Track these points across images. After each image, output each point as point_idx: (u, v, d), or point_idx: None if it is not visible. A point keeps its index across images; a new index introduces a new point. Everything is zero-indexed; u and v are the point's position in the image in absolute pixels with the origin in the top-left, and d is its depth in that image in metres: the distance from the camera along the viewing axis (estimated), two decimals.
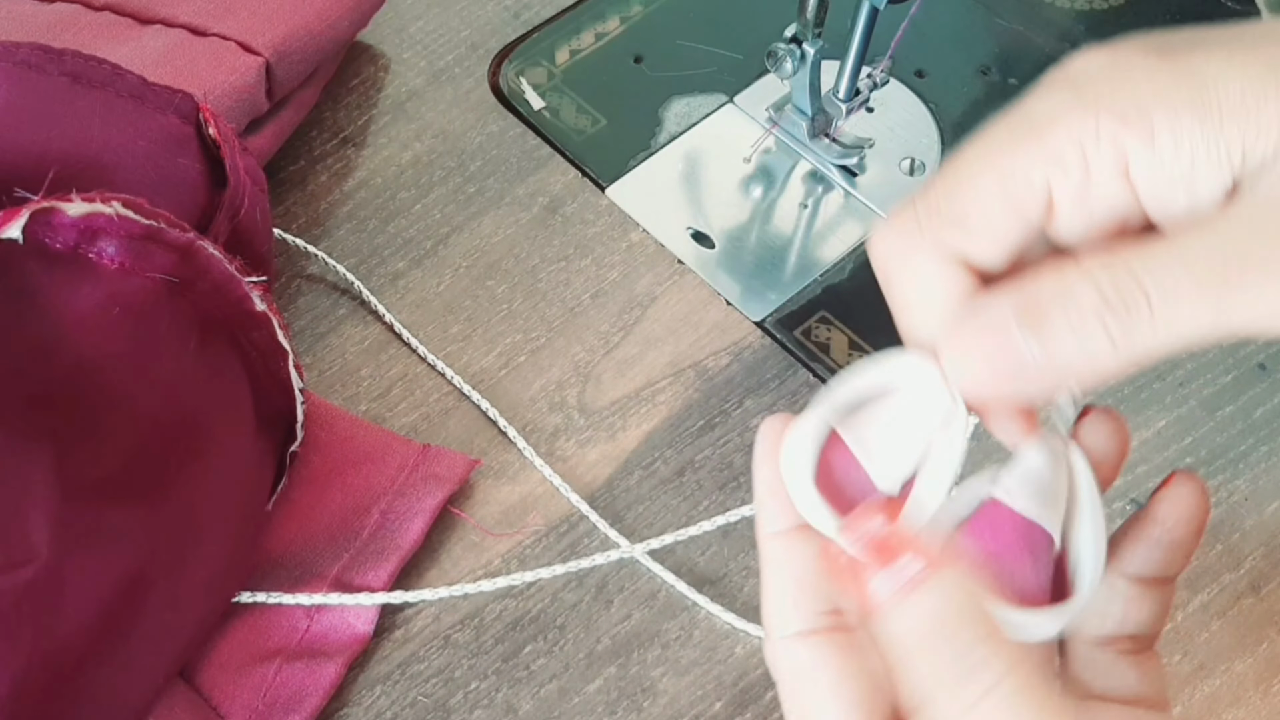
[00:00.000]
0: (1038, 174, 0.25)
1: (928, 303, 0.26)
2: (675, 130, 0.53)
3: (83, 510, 0.33)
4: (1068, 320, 0.24)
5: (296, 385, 0.40)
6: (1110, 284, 0.23)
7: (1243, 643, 0.41)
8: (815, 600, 0.26)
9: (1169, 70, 0.24)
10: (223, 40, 0.47)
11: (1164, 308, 0.23)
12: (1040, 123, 0.25)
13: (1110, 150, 0.24)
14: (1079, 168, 0.24)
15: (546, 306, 0.48)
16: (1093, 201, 0.25)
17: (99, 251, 0.33)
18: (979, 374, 0.25)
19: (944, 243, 0.26)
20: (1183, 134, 0.24)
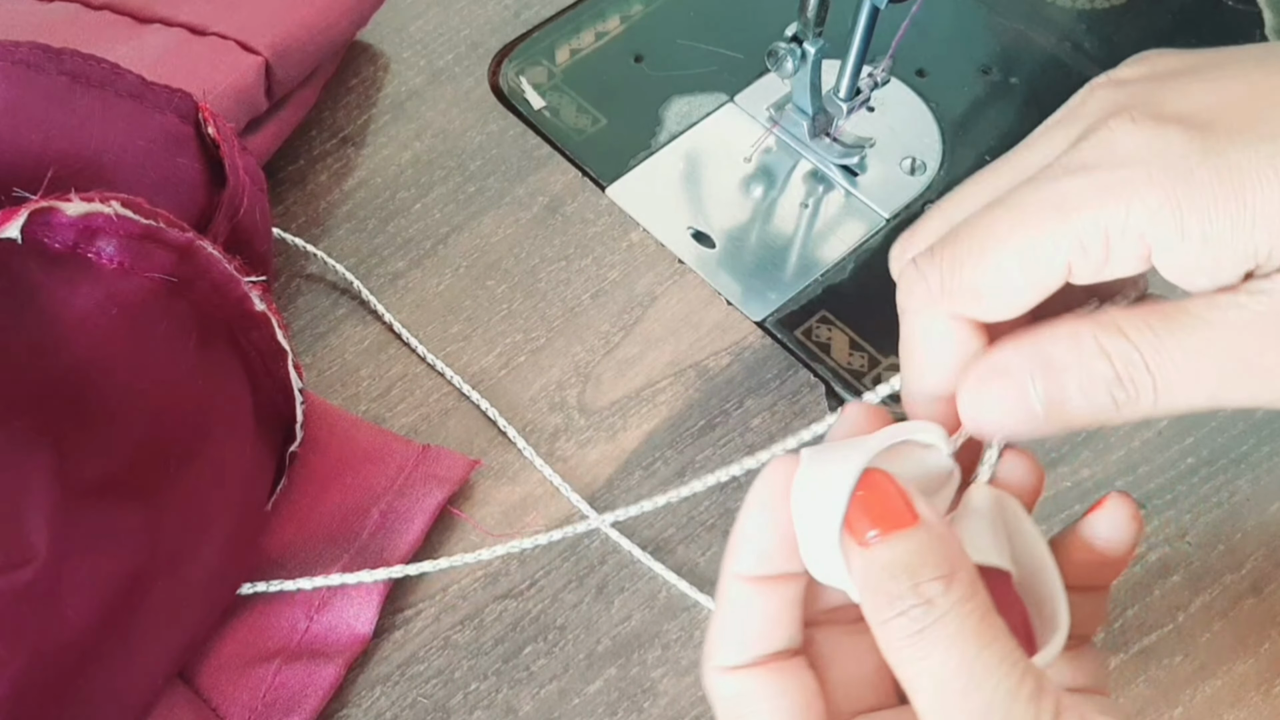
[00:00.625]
0: (1060, 255, 0.26)
1: (938, 359, 0.28)
2: (675, 130, 0.53)
3: (82, 510, 0.33)
4: (1080, 387, 0.26)
5: (296, 385, 0.40)
6: (1122, 364, 0.25)
7: (1244, 643, 0.41)
8: (765, 646, 0.27)
9: (1209, 165, 0.25)
10: (222, 39, 0.47)
11: (1165, 392, 0.25)
12: (1069, 204, 0.26)
13: (1135, 242, 0.25)
14: (1101, 251, 0.25)
15: (546, 306, 0.48)
16: (1109, 274, 0.26)
17: (98, 251, 0.33)
18: (991, 420, 0.27)
19: (959, 308, 0.27)
20: (1212, 237, 0.25)
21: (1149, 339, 0.25)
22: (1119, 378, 0.25)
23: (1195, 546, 0.43)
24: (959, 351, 0.28)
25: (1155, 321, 0.25)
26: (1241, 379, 0.25)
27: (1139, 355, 0.25)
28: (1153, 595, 0.42)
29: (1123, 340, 0.25)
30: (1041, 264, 0.26)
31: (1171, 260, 0.25)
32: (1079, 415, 0.26)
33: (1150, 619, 0.42)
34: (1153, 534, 0.43)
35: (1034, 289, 0.26)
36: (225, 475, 0.38)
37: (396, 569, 0.40)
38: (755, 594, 0.27)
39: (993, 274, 0.27)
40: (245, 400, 0.39)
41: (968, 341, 0.28)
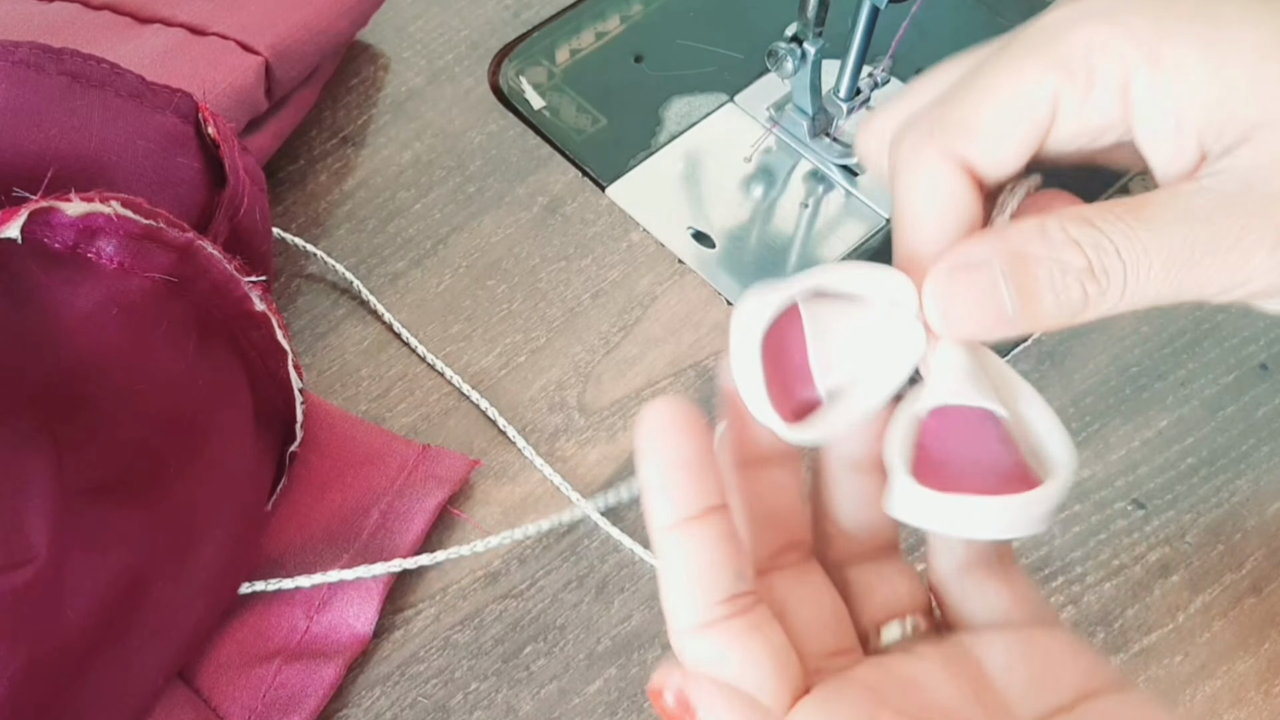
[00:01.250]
0: (1048, 80, 0.26)
1: (929, 207, 0.27)
2: (675, 130, 0.53)
3: (82, 510, 0.33)
4: (1052, 281, 0.25)
5: (296, 385, 0.40)
6: (1094, 252, 0.25)
7: (1244, 643, 0.41)
8: (714, 590, 0.26)
9: (1192, 3, 0.25)
10: (222, 39, 0.47)
11: (1134, 282, 0.25)
12: (1055, 30, 0.26)
13: (1116, 64, 0.25)
14: (1084, 75, 0.25)
15: (546, 306, 0.48)
16: (1090, 112, 0.26)
17: (98, 251, 0.33)
18: (959, 317, 0.26)
19: (953, 149, 0.26)
20: (1185, 68, 0.25)
21: (1119, 227, 0.25)
22: (1091, 268, 0.25)
23: (1195, 546, 0.43)
24: (958, 200, 0.27)
25: (1122, 211, 0.25)
26: (1206, 264, 0.25)
27: (1110, 243, 0.25)
28: (1153, 595, 0.42)
29: (1092, 229, 0.25)
30: (1032, 90, 0.26)
31: (1145, 95, 0.25)
32: (1049, 312, 0.26)
33: (1150, 619, 0.42)
34: (1153, 534, 0.43)
35: (1027, 122, 0.26)
36: (225, 475, 0.38)
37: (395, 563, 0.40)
38: (685, 539, 0.26)
39: (986, 105, 0.26)
40: (245, 400, 0.39)
41: (965, 191, 0.27)
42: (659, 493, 0.26)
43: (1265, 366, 0.47)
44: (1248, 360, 0.47)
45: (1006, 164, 0.27)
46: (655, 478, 0.26)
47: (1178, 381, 0.46)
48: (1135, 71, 0.25)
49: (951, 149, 0.26)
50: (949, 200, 0.27)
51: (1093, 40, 0.25)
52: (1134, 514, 0.44)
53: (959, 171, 0.26)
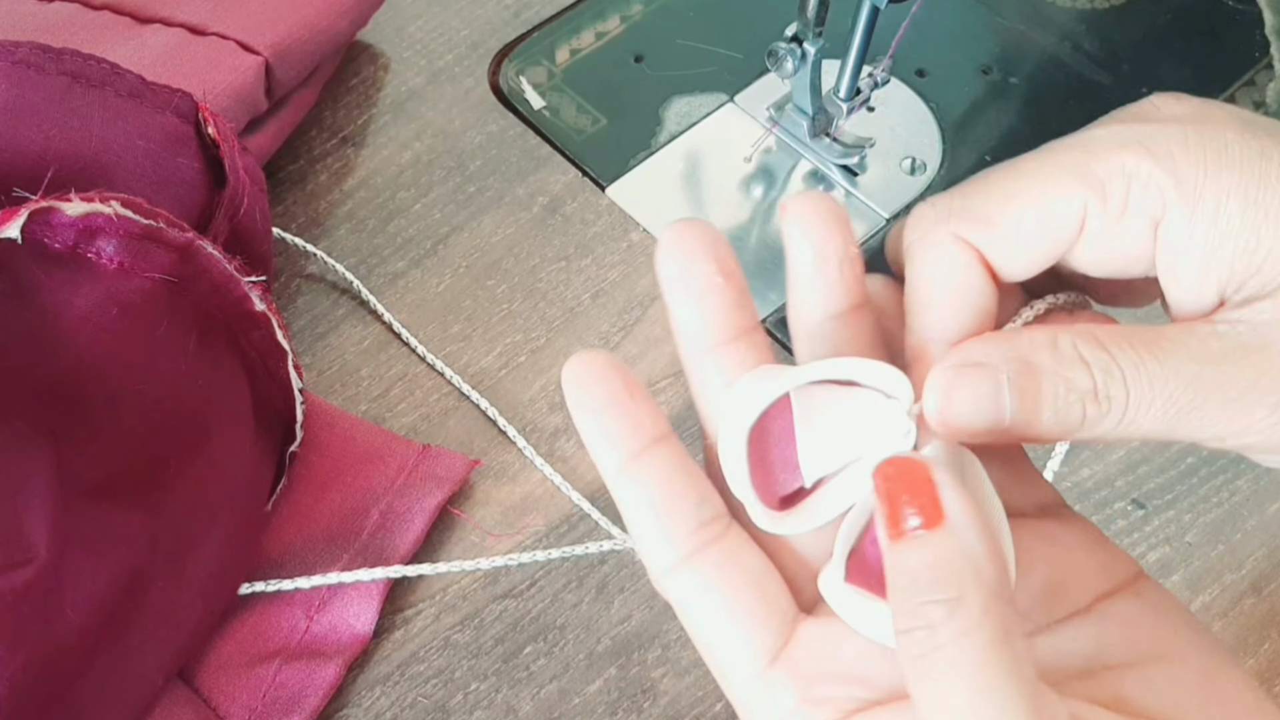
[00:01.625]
0: (1079, 197, 0.25)
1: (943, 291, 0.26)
2: (675, 130, 0.53)
3: (82, 510, 0.33)
4: (1055, 397, 0.25)
5: (296, 385, 0.40)
6: (1101, 377, 0.25)
7: (1244, 643, 0.41)
8: (681, 522, 0.26)
9: (1242, 151, 0.25)
10: (222, 39, 0.47)
11: (1134, 413, 0.25)
12: (1099, 149, 0.25)
13: (1153, 198, 0.25)
14: (1119, 201, 0.25)
15: (546, 306, 0.48)
16: (1117, 240, 0.26)
17: (98, 251, 0.33)
18: (956, 414, 0.26)
19: (970, 238, 0.26)
20: (1223, 215, 0.25)
21: (1129, 355, 0.25)
22: (1095, 391, 0.25)
23: (1195, 546, 0.43)
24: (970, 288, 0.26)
25: (1136, 341, 0.25)
26: (1207, 410, 0.25)
27: (1119, 370, 0.25)
28: None
29: (1103, 353, 0.25)
30: (1061, 202, 0.25)
31: (1175, 238, 0.25)
32: (1046, 426, 0.26)
33: None
34: (1153, 533, 0.43)
35: (1048, 232, 0.26)
36: (225, 475, 0.38)
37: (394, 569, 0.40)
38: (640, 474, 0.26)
39: (1010, 207, 0.26)
40: (245, 400, 0.39)
41: (978, 279, 0.26)
42: (598, 438, 0.26)
43: None
44: None
45: (1021, 268, 0.27)
46: (590, 425, 0.26)
47: None
48: (1171, 210, 0.25)
49: (968, 237, 0.26)
50: (963, 286, 0.26)
51: (1136, 170, 0.25)
52: (1134, 514, 0.44)
53: (974, 260, 0.26)
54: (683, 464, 0.26)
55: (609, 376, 0.26)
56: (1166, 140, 0.25)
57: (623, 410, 0.25)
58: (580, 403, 0.26)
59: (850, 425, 0.27)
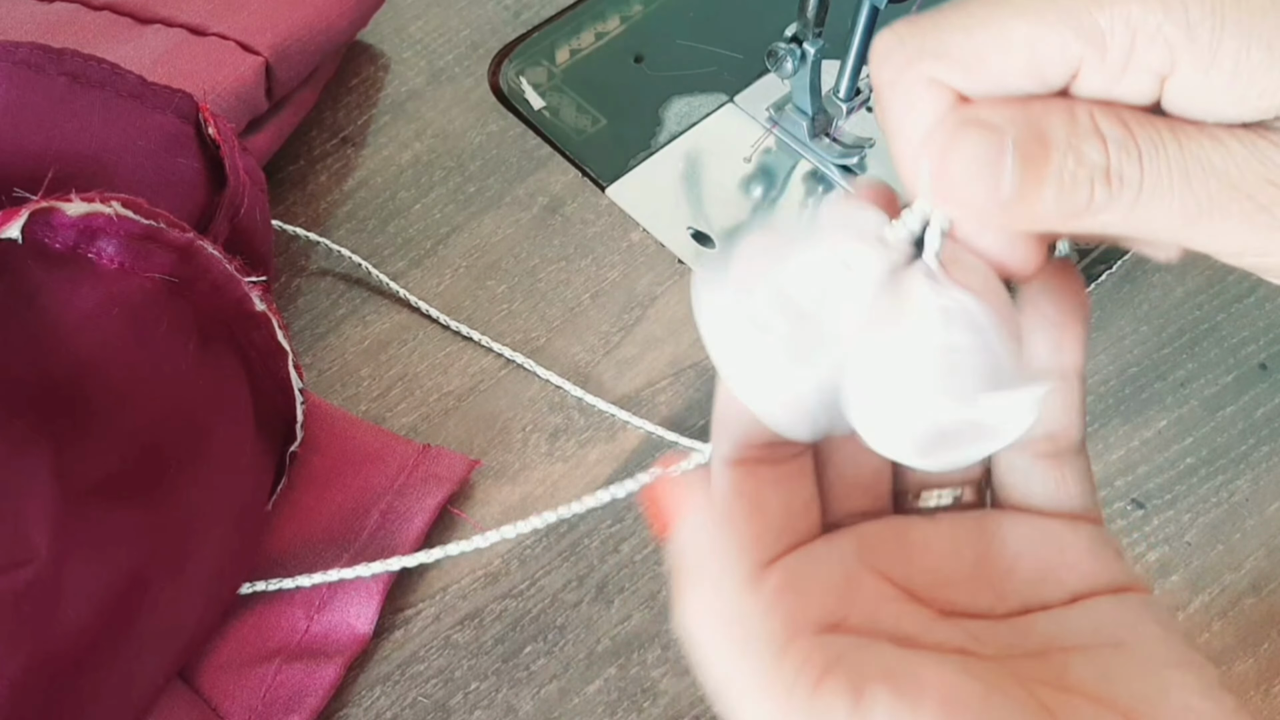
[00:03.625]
0: (1073, 48, 0.23)
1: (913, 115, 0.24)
2: (675, 130, 0.53)
3: (82, 511, 0.33)
4: (1062, 171, 0.23)
5: (296, 385, 0.40)
6: (1116, 153, 0.23)
7: (1244, 643, 0.41)
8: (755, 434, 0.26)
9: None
10: (222, 40, 0.47)
11: (1147, 200, 0.23)
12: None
13: (1159, 54, 0.22)
14: (1119, 56, 0.23)
15: (546, 306, 0.48)
16: (1117, 89, 0.23)
17: (98, 251, 0.33)
18: (953, 177, 0.23)
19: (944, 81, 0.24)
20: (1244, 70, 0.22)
21: (1150, 134, 0.23)
22: (1108, 169, 0.23)
23: (1194, 546, 0.43)
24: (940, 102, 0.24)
25: (1161, 124, 0.23)
26: (1231, 213, 0.23)
27: (1136, 148, 0.23)
28: None
29: (1122, 128, 0.23)
30: (1053, 51, 0.23)
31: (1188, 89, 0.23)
32: (1047, 206, 0.23)
33: None
34: (1152, 533, 0.43)
35: (1036, 79, 0.23)
36: (226, 475, 0.38)
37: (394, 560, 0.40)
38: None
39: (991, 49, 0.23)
40: (245, 400, 0.39)
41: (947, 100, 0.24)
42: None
43: (1265, 366, 0.47)
44: (1247, 360, 0.47)
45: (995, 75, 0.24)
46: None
47: (1177, 381, 0.47)
48: (1181, 68, 0.22)
49: (942, 80, 0.24)
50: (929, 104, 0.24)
51: (1143, 21, 0.22)
52: (1133, 514, 0.44)
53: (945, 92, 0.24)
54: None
55: None
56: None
57: None
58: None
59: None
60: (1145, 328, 0.48)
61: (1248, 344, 0.47)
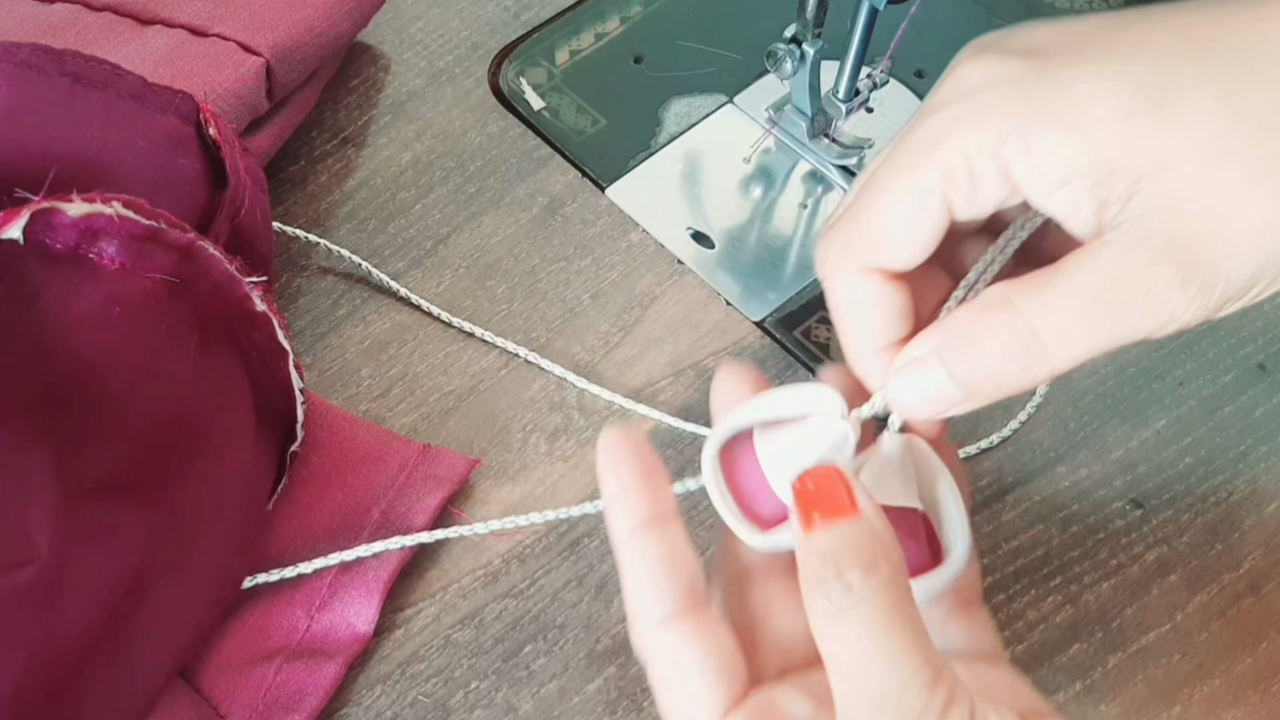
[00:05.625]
0: (935, 188, 0.28)
1: (861, 314, 0.31)
2: (675, 130, 0.53)
3: (83, 510, 0.34)
4: (984, 363, 0.28)
5: (297, 385, 0.40)
6: (1011, 334, 0.28)
7: (1242, 643, 0.41)
8: (673, 586, 0.29)
9: (1044, 84, 0.27)
10: (223, 41, 0.47)
11: (1061, 349, 0.28)
12: (933, 141, 0.28)
13: (991, 161, 0.28)
14: (966, 177, 0.28)
15: (546, 306, 0.48)
16: (983, 200, 0.28)
17: (99, 252, 0.33)
18: (919, 405, 0.30)
19: (867, 263, 0.30)
20: (1051, 147, 0.27)
21: (1035, 304, 0.28)
22: (1016, 347, 0.28)
23: (1193, 546, 0.43)
24: (881, 304, 0.30)
25: (1039, 284, 0.28)
26: (1127, 312, 0.27)
27: (1024, 321, 0.28)
28: (1151, 595, 0.42)
29: (1011, 312, 0.28)
30: (922, 201, 0.28)
31: (1030, 178, 0.28)
32: (993, 388, 0.29)
33: (1148, 618, 0.42)
34: (1150, 533, 0.43)
35: (924, 228, 0.29)
36: (226, 475, 0.38)
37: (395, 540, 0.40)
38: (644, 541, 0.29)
39: (884, 220, 0.29)
40: (246, 400, 0.39)
41: (886, 293, 0.30)
42: (619, 500, 0.29)
43: (1263, 367, 0.47)
44: (1245, 360, 0.47)
45: (917, 258, 0.30)
46: (615, 486, 0.29)
47: (1175, 381, 0.47)
48: (1011, 163, 0.27)
49: (865, 263, 0.30)
50: (875, 305, 0.30)
51: (967, 145, 0.28)
52: (1132, 514, 0.44)
53: (877, 279, 0.30)
54: (682, 543, 0.29)
55: (641, 453, 0.29)
56: (981, 106, 0.28)
57: (647, 483, 0.29)
58: (610, 465, 0.29)
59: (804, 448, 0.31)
60: None
61: (1246, 344, 0.47)
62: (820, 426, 0.31)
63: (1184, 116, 0.27)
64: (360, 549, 0.41)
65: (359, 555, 0.40)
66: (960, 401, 0.29)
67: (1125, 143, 0.27)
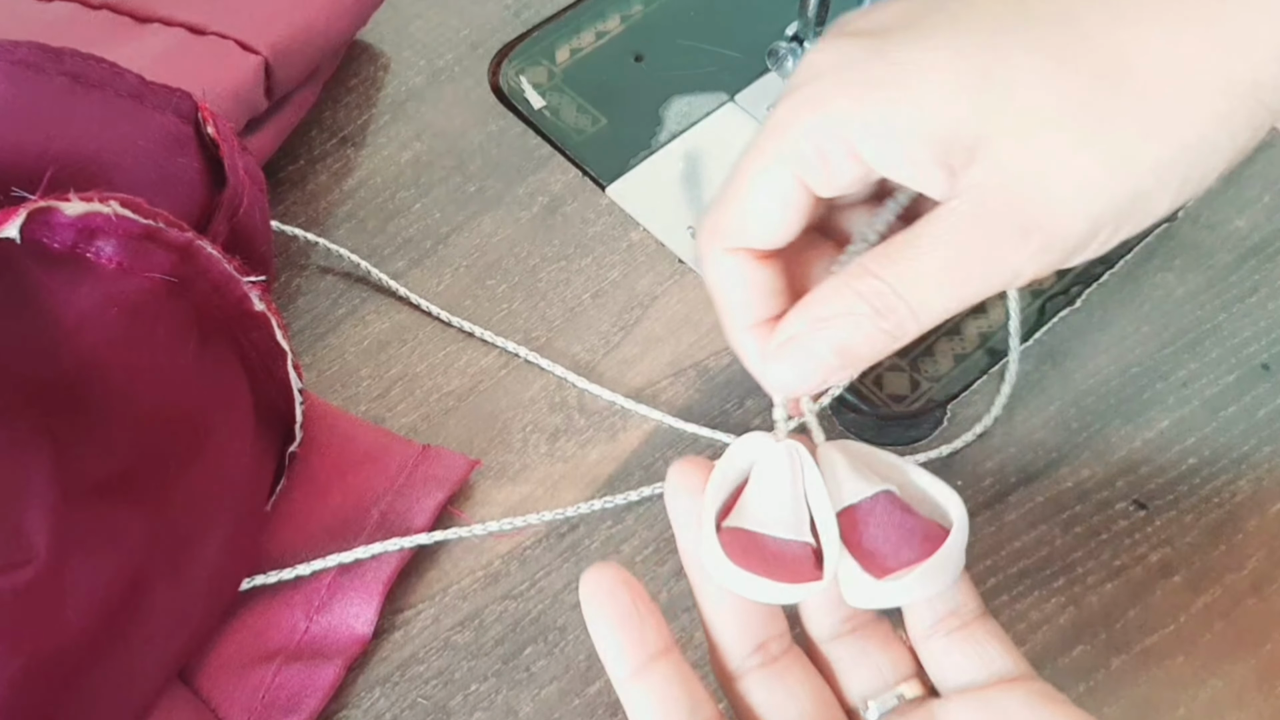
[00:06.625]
0: (788, 172, 0.30)
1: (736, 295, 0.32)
2: (676, 129, 0.53)
3: (82, 511, 0.33)
4: (854, 331, 0.30)
5: (296, 386, 0.40)
6: (879, 300, 0.29)
7: (1245, 644, 0.41)
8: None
9: (878, 63, 0.29)
10: (222, 39, 0.47)
11: (922, 307, 0.29)
12: (783, 128, 0.30)
13: (838, 143, 0.29)
14: (818, 159, 0.30)
15: (546, 306, 0.48)
16: (839, 179, 0.30)
17: (97, 251, 0.33)
18: (799, 381, 0.31)
19: (732, 243, 0.32)
20: (891, 122, 0.29)
21: (891, 270, 0.29)
22: (880, 312, 0.29)
23: (1196, 547, 0.43)
24: (751, 283, 0.32)
25: (894, 251, 0.30)
26: (976, 274, 0.29)
27: (887, 286, 0.29)
28: (1154, 596, 0.42)
29: (872, 279, 0.30)
30: (778, 185, 0.30)
31: (875, 155, 0.29)
32: (866, 353, 0.30)
33: (1151, 620, 0.42)
34: (1154, 534, 0.43)
35: (786, 210, 0.31)
36: (225, 475, 0.38)
37: (394, 542, 0.40)
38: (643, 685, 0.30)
39: (744, 204, 0.31)
40: (245, 400, 0.39)
41: (756, 272, 0.32)
42: (610, 650, 0.30)
43: (1267, 367, 0.47)
44: (1249, 360, 0.47)
45: (784, 238, 0.32)
46: (603, 638, 0.30)
47: (1179, 382, 0.46)
48: (857, 142, 0.29)
49: (732, 244, 0.32)
50: (746, 284, 0.32)
51: (813, 128, 0.30)
52: (1135, 514, 0.44)
53: (745, 258, 0.32)
54: (681, 674, 0.30)
55: (619, 592, 0.30)
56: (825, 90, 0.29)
57: (636, 624, 0.30)
58: (594, 616, 0.30)
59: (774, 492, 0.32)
60: (1146, 327, 0.48)
61: (1250, 344, 0.47)
62: (769, 463, 0.32)
63: (1011, 84, 0.28)
64: (359, 551, 0.40)
65: (357, 558, 0.40)
66: (838, 369, 0.31)
67: (958, 115, 0.28)
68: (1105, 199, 0.28)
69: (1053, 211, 0.28)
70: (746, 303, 0.32)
